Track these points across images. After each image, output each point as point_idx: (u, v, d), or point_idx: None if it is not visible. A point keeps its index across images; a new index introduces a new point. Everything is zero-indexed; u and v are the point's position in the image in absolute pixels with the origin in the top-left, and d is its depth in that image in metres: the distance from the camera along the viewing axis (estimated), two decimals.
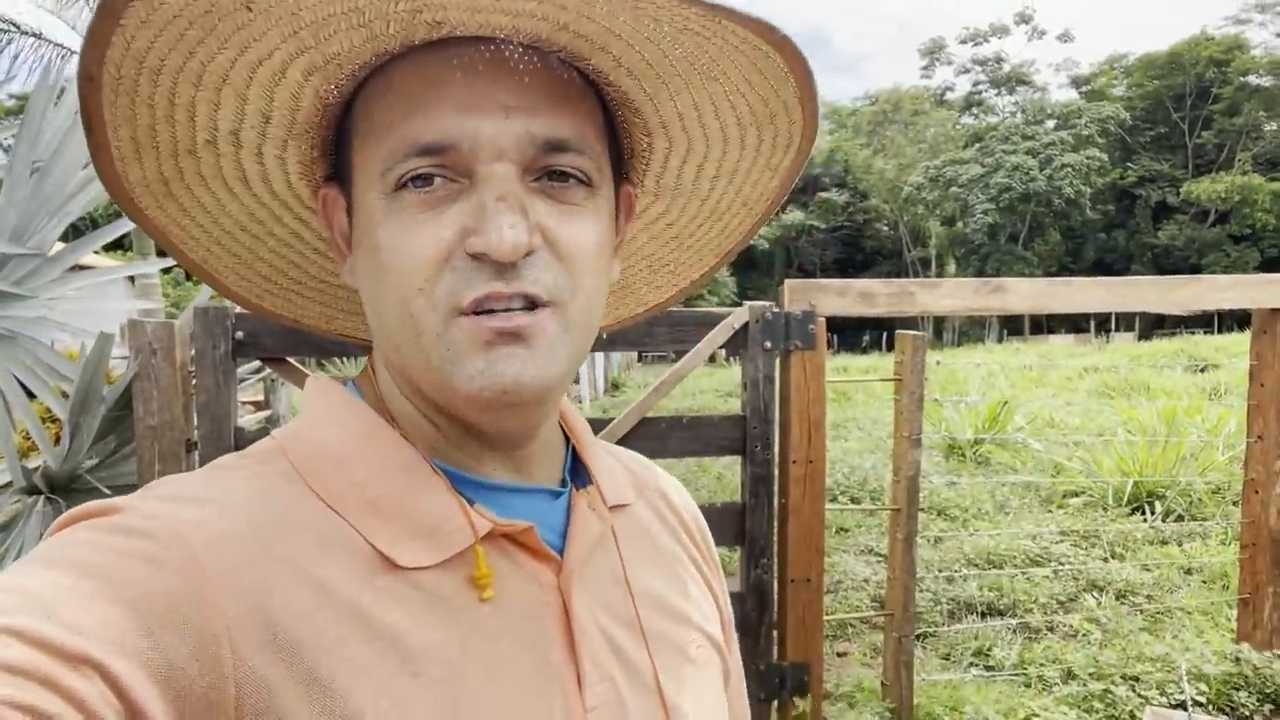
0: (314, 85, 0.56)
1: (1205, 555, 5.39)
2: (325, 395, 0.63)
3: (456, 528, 0.56)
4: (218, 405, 2.79)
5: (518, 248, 0.52)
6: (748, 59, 0.57)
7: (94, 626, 0.42)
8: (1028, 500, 6.81)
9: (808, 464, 3.16)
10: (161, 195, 0.61)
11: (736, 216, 0.73)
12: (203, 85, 0.54)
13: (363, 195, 0.57)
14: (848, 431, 10.03)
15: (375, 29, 0.52)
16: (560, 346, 0.55)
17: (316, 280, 0.72)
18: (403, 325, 0.55)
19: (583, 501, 0.65)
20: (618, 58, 0.56)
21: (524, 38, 0.54)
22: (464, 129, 0.53)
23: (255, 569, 0.50)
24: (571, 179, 0.56)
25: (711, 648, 0.70)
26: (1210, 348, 18.61)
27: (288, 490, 0.55)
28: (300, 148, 0.61)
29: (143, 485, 2.06)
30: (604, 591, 0.63)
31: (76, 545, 0.47)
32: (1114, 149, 51.33)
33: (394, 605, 0.53)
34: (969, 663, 4.02)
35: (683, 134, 0.65)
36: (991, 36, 61.62)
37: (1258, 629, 3.63)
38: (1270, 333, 3.59)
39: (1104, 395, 12.22)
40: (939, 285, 3.32)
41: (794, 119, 0.63)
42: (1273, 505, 3.61)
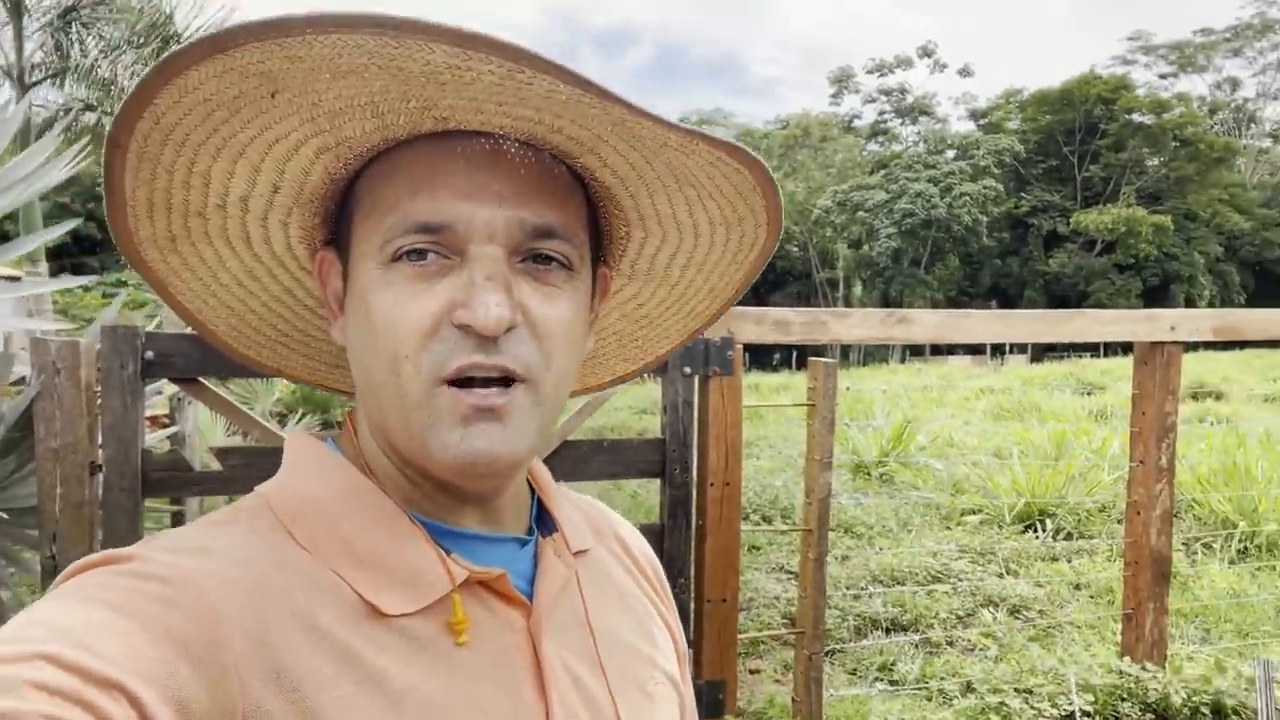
0: (324, 163, 0.61)
1: (1092, 571, 5.69)
2: (306, 452, 0.67)
3: (435, 576, 0.61)
4: (124, 426, 2.70)
5: (501, 322, 0.57)
6: (720, 173, 0.64)
7: (120, 656, 0.46)
8: (929, 518, 7.07)
9: (725, 486, 3.24)
10: (167, 250, 0.65)
11: (703, 302, 0.80)
12: (220, 157, 0.59)
13: (360, 263, 0.62)
14: (759, 450, 10.21)
15: (387, 120, 0.58)
16: (531, 421, 0.61)
17: (302, 334, 0.77)
18: (389, 388, 0.59)
19: (549, 549, 0.70)
20: (604, 160, 0.62)
21: (520, 135, 0.59)
22: (460, 212, 0.58)
23: (258, 612, 0.53)
24: (554, 262, 0.62)
25: (669, 684, 0.75)
26: (1096, 371, 19.63)
27: (279, 543, 0.59)
28: (304, 215, 0.66)
29: (42, 509, 1.98)
30: (569, 634, 0.67)
31: (97, 587, 0.51)
32: (1009, 179, 53.66)
33: (379, 649, 0.57)
34: (874, 677, 4.15)
35: (658, 227, 0.71)
36: (896, 68, 63.85)
37: (1140, 643, 3.87)
38: (1150, 364, 3.85)
39: (999, 416, 12.77)
40: (849, 315, 3.46)
41: (760, 223, 0.70)
42: (1153, 526, 3.86)
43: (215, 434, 8.19)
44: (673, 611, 0.85)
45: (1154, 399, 3.84)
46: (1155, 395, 3.83)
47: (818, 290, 58.36)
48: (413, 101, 0.56)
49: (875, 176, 54.43)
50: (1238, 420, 10.96)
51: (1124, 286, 47.67)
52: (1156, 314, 3.82)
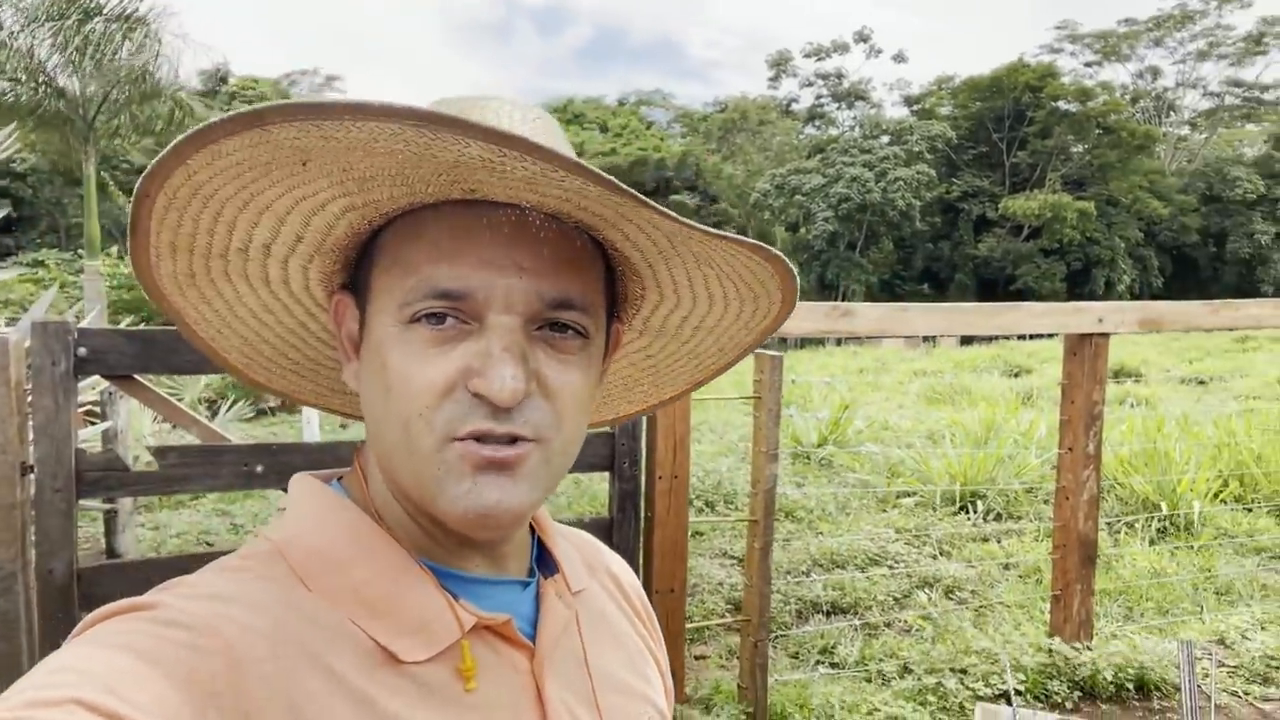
0: (349, 219, 0.62)
1: (1021, 552, 5.90)
2: (315, 498, 0.67)
3: (446, 623, 0.62)
4: (57, 426, 2.61)
5: (515, 395, 0.58)
6: (741, 261, 0.66)
7: (147, 702, 0.47)
8: (866, 502, 7.24)
9: (673, 479, 3.28)
10: (186, 286, 0.66)
11: (712, 358, 0.82)
12: (247, 209, 0.60)
13: (377, 317, 0.63)
14: (700, 435, 10.30)
15: (416, 189, 0.59)
16: (540, 477, 0.62)
17: (313, 362, 0.78)
18: (400, 442, 0.61)
19: (551, 590, 0.72)
20: (627, 235, 0.64)
21: (547, 210, 0.61)
22: (482, 282, 0.59)
23: (278, 659, 0.55)
24: (570, 330, 0.63)
25: (658, 717, 0.78)
26: (1023, 354, 20.19)
27: (293, 590, 0.60)
28: (324, 262, 0.67)
29: None
30: (569, 674, 0.70)
31: (122, 633, 0.52)
32: (941, 165, 54.70)
33: (395, 695, 0.58)
34: (816, 660, 4.26)
35: (674, 294, 0.73)
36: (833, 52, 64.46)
37: (1068, 623, 4.04)
38: (1079, 355, 4.00)
39: (932, 400, 13.09)
40: (795, 310, 3.51)
41: (774, 301, 0.73)
42: (1081, 510, 4.02)
43: (144, 425, 7.96)
44: (659, 645, 0.87)
45: (1082, 388, 3.99)
46: (1084, 385, 3.98)
47: None
48: (443, 177, 0.57)
49: (812, 160, 54.99)
50: (1156, 402, 11.42)
51: (1049, 270, 49.09)
52: (1085, 307, 3.97)
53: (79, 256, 20.75)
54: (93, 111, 14.06)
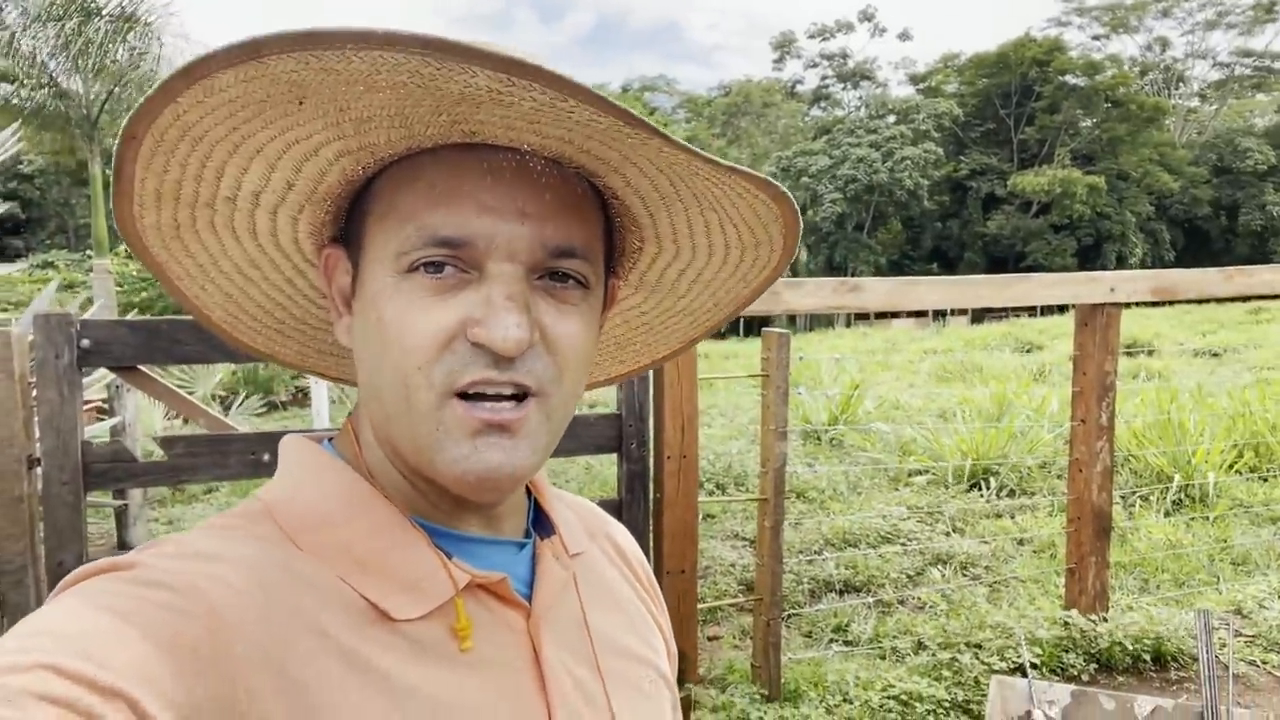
0: (343, 165, 0.60)
1: (1035, 527, 5.87)
2: (305, 457, 0.66)
3: (439, 581, 0.61)
4: (62, 418, 2.61)
5: (520, 345, 0.56)
6: (746, 202, 0.64)
7: (125, 665, 0.45)
8: (878, 481, 7.21)
9: (681, 459, 3.26)
10: (170, 238, 0.63)
11: (707, 314, 0.80)
12: (237, 154, 0.57)
13: (372, 268, 0.61)
14: (711, 418, 10.30)
15: (415, 131, 0.56)
16: (540, 435, 0.61)
17: (298, 320, 0.75)
18: (397, 398, 0.59)
19: (548, 551, 0.70)
20: (629, 180, 0.62)
21: (548, 153, 0.58)
22: (482, 228, 0.57)
23: (265, 619, 0.53)
24: (571, 280, 0.61)
25: (661, 681, 0.76)
26: (1034, 330, 20.11)
27: (283, 549, 0.58)
28: (315, 212, 0.64)
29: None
30: (567, 635, 0.68)
31: (102, 594, 0.50)
32: (948, 143, 54.41)
33: (385, 653, 0.57)
34: (830, 639, 4.24)
35: (673, 245, 0.71)
36: (838, 32, 64.07)
37: (1083, 595, 4.01)
38: (1091, 325, 3.95)
39: (943, 378, 13.04)
40: (801, 285, 3.48)
41: (774, 249, 0.70)
42: (1094, 482, 3.98)
43: (155, 420, 8.00)
44: (663, 611, 0.85)
45: (1094, 359, 3.94)
46: (1096, 355, 3.94)
47: None
48: (444, 116, 0.54)
49: (818, 142, 54.77)
50: (1170, 375, 11.34)
51: (1059, 246, 48.81)
52: (1096, 276, 3.92)
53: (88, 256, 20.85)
54: (96, 111, 14.08)
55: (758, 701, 3.38)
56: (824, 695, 3.48)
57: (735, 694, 3.41)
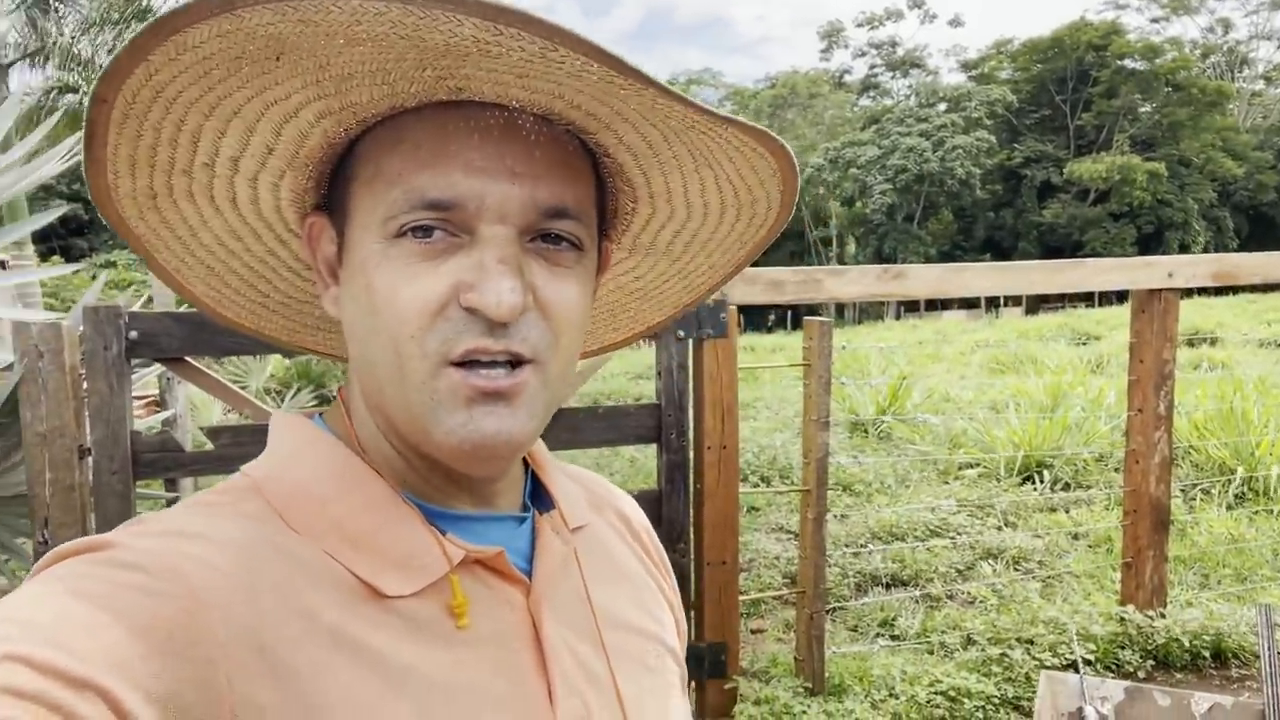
0: (324, 127, 0.57)
1: (1090, 521, 5.72)
2: (295, 432, 0.64)
3: (432, 557, 0.59)
4: (112, 409, 2.66)
5: (514, 310, 0.54)
6: (743, 156, 0.61)
7: (96, 653, 0.43)
8: (926, 473, 7.09)
9: (721, 449, 3.23)
10: (147, 207, 0.61)
11: (702, 277, 0.78)
12: (213, 116, 0.55)
13: (359, 234, 0.58)
14: (756, 411, 10.22)
15: (398, 87, 0.54)
16: (537, 403, 0.58)
17: (283, 294, 0.73)
18: (390, 368, 0.57)
19: (547, 526, 0.68)
20: (621, 137, 0.60)
21: (536, 109, 0.56)
22: (472, 189, 0.55)
23: (246, 597, 0.51)
24: (565, 242, 0.59)
25: (669, 656, 0.74)
26: (1092, 321, 19.64)
27: (269, 525, 0.57)
28: (297, 178, 0.62)
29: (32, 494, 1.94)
30: (569, 610, 0.66)
31: (74, 577, 0.48)
32: (1001, 131, 53.32)
33: (377, 632, 0.55)
34: (876, 633, 4.18)
35: (667, 205, 0.68)
36: (886, 20, 63.16)
37: (1140, 590, 3.89)
38: (1148, 312, 3.82)
39: (995, 370, 12.79)
40: (844, 273, 3.42)
41: (772, 206, 0.68)
42: (1152, 474, 3.85)
43: (213, 412, 8.17)
44: (672, 586, 0.83)
45: (1152, 346, 3.82)
46: (1153, 343, 3.81)
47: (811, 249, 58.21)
48: (428, 70, 0.52)
49: (867, 132, 54.06)
50: (1233, 366, 10.97)
51: (1119, 235, 47.59)
52: (1154, 261, 3.79)
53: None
54: None
55: (801, 695, 3.33)
56: (869, 690, 3.42)
57: (778, 687, 3.37)
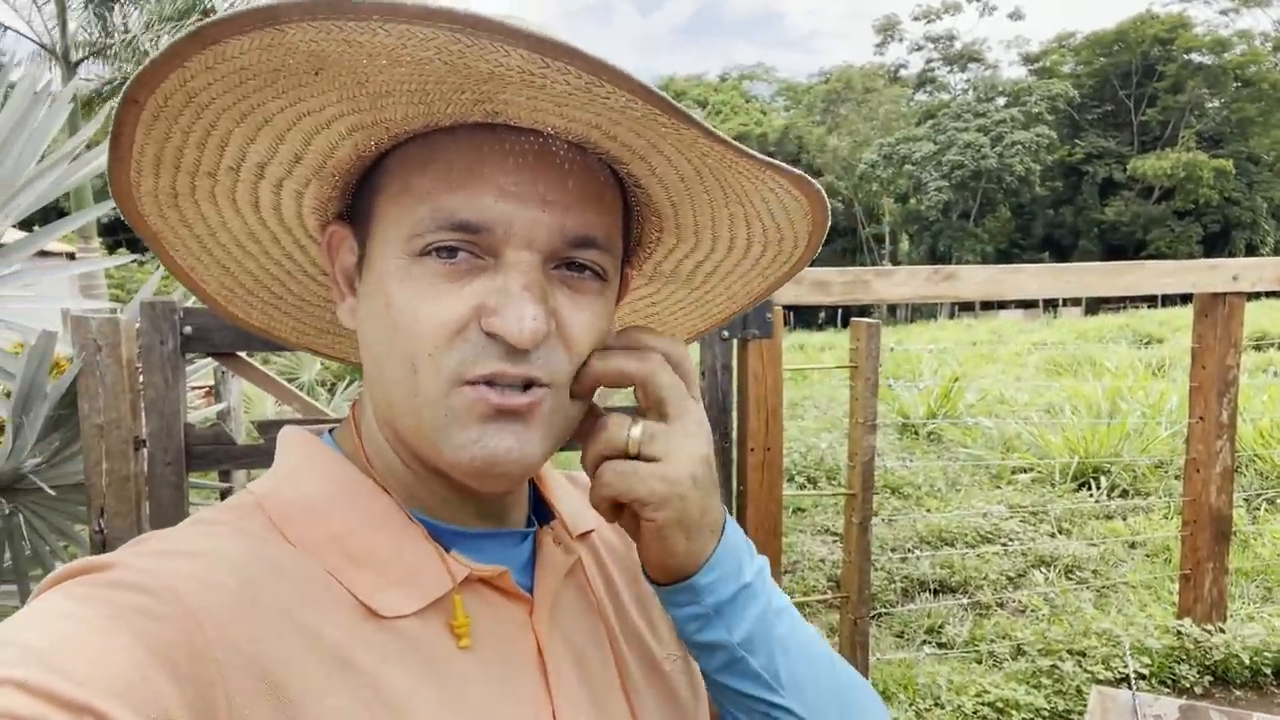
0: (355, 140, 0.57)
1: (1148, 530, 5.55)
2: (299, 448, 0.64)
3: (435, 575, 0.58)
4: (167, 402, 2.72)
5: (536, 336, 0.54)
6: (775, 196, 0.60)
7: (95, 677, 0.43)
8: (978, 478, 6.95)
9: (765, 451, 3.19)
10: (166, 206, 0.61)
11: (719, 306, 0.77)
12: (244, 124, 0.54)
13: (381, 249, 0.58)
14: (803, 411, 10.14)
15: (434, 107, 0.53)
16: (551, 425, 0.58)
17: (296, 297, 0.73)
18: (404, 384, 0.56)
19: (547, 538, 0.67)
20: (655, 169, 0.59)
21: (572, 137, 0.55)
22: (502, 214, 0.54)
23: (245, 620, 0.50)
24: (589, 271, 0.58)
25: (681, 659, 0.73)
26: (1154, 322, 19.09)
27: (271, 544, 0.56)
28: (321, 188, 0.62)
29: (89, 485, 1.98)
30: (575, 621, 0.66)
31: (76, 600, 0.48)
32: (1062, 126, 52.17)
33: (376, 653, 0.54)
34: (922, 640, 4.11)
35: (693, 236, 0.68)
36: (944, 13, 62.11)
37: (1198, 603, 3.76)
38: (1211, 316, 3.69)
39: (1052, 372, 12.49)
40: (892, 273, 3.36)
41: (799, 245, 0.67)
42: (1213, 484, 3.73)
43: (266, 405, 8.34)
44: None
45: (1215, 352, 3.69)
46: (1216, 348, 3.68)
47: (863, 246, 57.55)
48: (467, 94, 0.51)
49: (922, 128, 53.27)
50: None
51: (1183, 234, 46.25)
52: (1218, 264, 3.66)
53: None
54: None
55: None
56: (914, 698, 3.36)
57: None
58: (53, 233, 2.48)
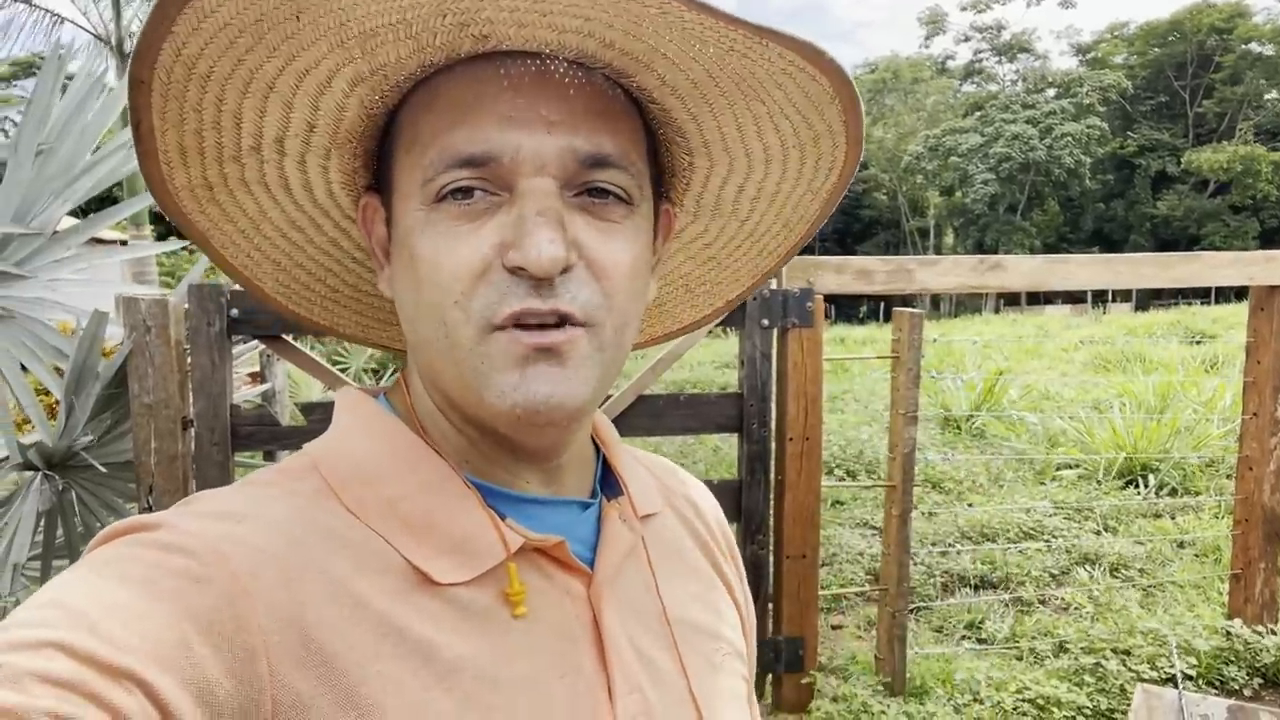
0: (359, 95, 0.57)
1: (1198, 529, 5.43)
2: (356, 410, 0.63)
3: (489, 544, 0.57)
4: (213, 383, 2.78)
5: (555, 262, 0.52)
6: (793, 81, 0.57)
7: (136, 642, 0.43)
8: (1022, 473, 6.84)
9: (804, 441, 3.18)
10: (205, 200, 0.61)
11: (776, 238, 0.73)
12: (250, 92, 0.55)
13: (402, 205, 0.57)
14: (844, 404, 10.05)
15: (422, 41, 0.53)
16: (593, 367, 0.56)
17: (352, 289, 0.73)
18: (438, 337, 0.55)
19: (614, 513, 0.66)
20: (662, 76, 0.57)
21: (570, 54, 0.54)
22: (506, 142, 0.53)
23: (292, 585, 0.50)
24: (611, 196, 0.56)
25: (736, 656, 0.71)
26: (1207, 319, 18.61)
27: (323, 507, 0.56)
28: (343, 157, 0.61)
29: (138, 463, 2.03)
30: (635, 602, 0.64)
31: (118, 561, 0.47)
32: (1114, 118, 51.02)
33: (428, 620, 0.53)
34: (961, 635, 4.06)
35: (724, 154, 0.65)
36: (992, 3, 60.97)
37: (1249, 604, 3.67)
38: (1268, 309, 3.59)
39: (1100, 368, 12.25)
40: (937, 263, 3.31)
41: (838, 143, 0.63)
42: (1266, 482, 3.63)
43: (313, 387, 8.46)
44: (742, 580, 0.80)
45: (1271, 347, 3.59)
46: (1272, 343, 3.59)
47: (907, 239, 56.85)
48: (448, 17, 0.51)
49: (969, 119, 52.42)
50: None
51: (1240, 229, 45.03)
52: (1276, 255, 3.56)
53: None
54: None
55: (880, 694, 3.26)
56: (952, 693, 3.32)
57: (857, 685, 3.30)
58: (106, 219, 2.54)
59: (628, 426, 2.92)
